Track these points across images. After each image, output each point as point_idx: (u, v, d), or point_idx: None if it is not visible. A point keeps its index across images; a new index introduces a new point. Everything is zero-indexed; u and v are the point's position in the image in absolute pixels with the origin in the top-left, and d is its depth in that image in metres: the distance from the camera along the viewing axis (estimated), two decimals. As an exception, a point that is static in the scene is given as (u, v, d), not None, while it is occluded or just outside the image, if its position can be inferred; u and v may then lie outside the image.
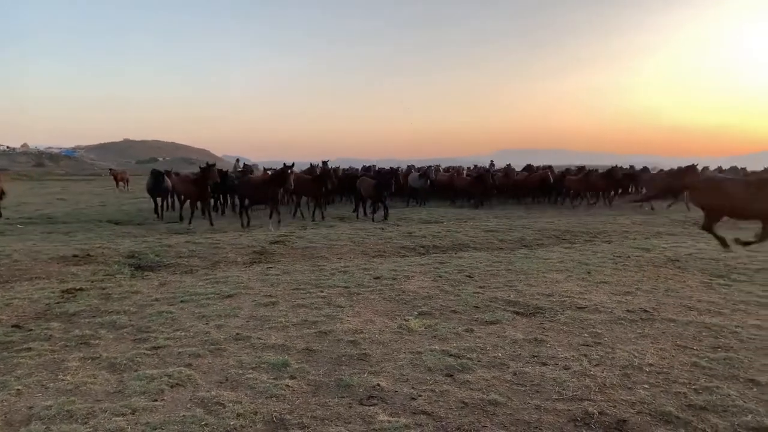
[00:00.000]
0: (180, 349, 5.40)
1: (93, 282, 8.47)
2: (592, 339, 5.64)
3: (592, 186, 24.32)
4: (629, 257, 10.46)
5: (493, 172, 27.68)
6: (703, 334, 5.76)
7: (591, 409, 4.05)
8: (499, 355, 5.21)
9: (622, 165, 29.47)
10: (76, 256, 10.56)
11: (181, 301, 7.27)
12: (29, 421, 3.98)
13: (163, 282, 8.61)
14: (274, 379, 4.67)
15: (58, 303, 7.16)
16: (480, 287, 7.94)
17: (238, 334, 5.84)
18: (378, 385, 4.51)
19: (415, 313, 6.65)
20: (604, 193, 24.42)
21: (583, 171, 27.87)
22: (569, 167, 33.17)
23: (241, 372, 4.83)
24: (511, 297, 7.31)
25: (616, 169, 25.23)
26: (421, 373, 4.78)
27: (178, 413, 4.06)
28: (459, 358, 5.10)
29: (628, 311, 6.61)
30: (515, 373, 4.75)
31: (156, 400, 4.27)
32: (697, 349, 5.30)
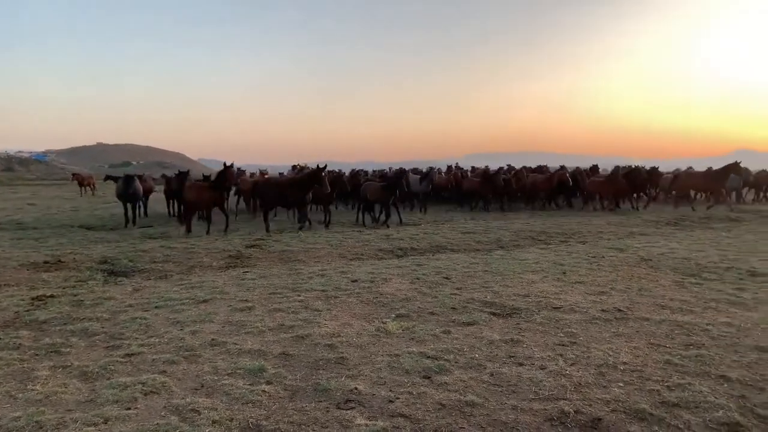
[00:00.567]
0: (154, 356, 5.31)
1: (64, 288, 8.30)
2: (568, 339, 5.70)
3: (620, 188, 21.93)
4: (603, 257, 10.60)
5: (504, 173, 25.28)
6: (676, 332, 5.86)
7: (567, 408, 4.08)
8: (476, 356, 5.23)
9: (591, 166, 29.02)
10: (47, 263, 10.34)
11: (156, 306, 7.17)
12: (-3, 432, 3.88)
13: (136, 288, 8.48)
14: (250, 384, 4.61)
15: (28, 310, 6.99)
16: (457, 289, 7.97)
17: (213, 339, 5.77)
18: (355, 388, 4.49)
19: (393, 315, 6.64)
20: (629, 195, 22.64)
21: (597, 171, 26.53)
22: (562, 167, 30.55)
23: (216, 378, 4.77)
24: (488, 298, 7.35)
25: (639, 169, 23.01)
26: (399, 375, 4.77)
27: (151, 421, 3.99)
28: (436, 359, 5.10)
29: (603, 311, 6.69)
30: (492, 374, 4.77)
31: (129, 409, 4.19)
32: (669, 347, 5.39)
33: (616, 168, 23.95)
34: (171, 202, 20.77)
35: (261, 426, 3.93)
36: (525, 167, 28.71)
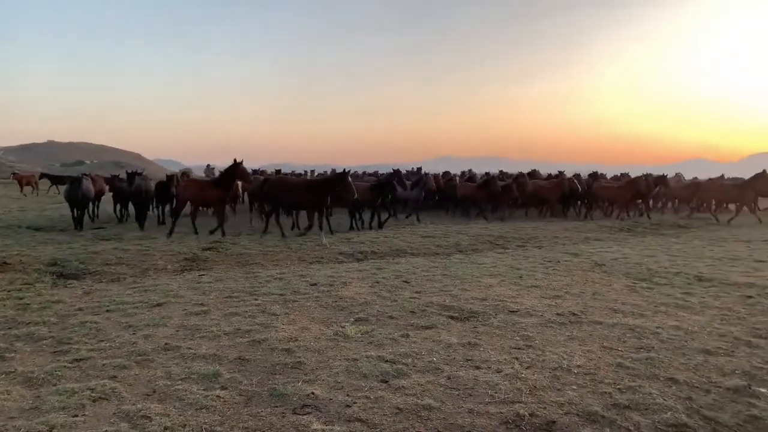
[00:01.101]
0: (104, 361, 5.15)
1: (9, 291, 7.97)
2: (524, 342, 5.78)
3: (636, 196, 20.91)
4: (559, 262, 10.82)
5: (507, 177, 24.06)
6: (627, 335, 6.01)
7: (522, 411, 4.13)
8: (433, 359, 5.25)
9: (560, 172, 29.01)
10: (-9, 264, 9.93)
11: (107, 310, 6.96)
12: (-67, 442, 3.69)
13: (87, 291, 8.22)
14: (204, 390, 4.52)
15: (-30, 314, 6.70)
16: (416, 292, 8.00)
17: (166, 344, 5.63)
18: (312, 393, 4.45)
19: (352, 319, 6.61)
20: (645, 202, 21.57)
21: (597, 178, 25.10)
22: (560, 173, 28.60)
23: (169, 383, 4.65)
24: (447, 302, 7.40)
25: (649, 177, 22.16)
26: (357, 380, 4.75)
27: (100, 428, 3.86)
28: (394, 363, 5.10)
29: (558, 314, 6.81)
30: (449, 378, 4.80)
31: (76, 416, 4.05)
32: (621, 350, 5.52)
33: (644, 175, 22.48)
34: (118, 204, 19.42)
35: (215, 432, 3.85)
36: (521, 173, 26.46)
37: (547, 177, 27.63)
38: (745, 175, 23.62)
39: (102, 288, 8.44)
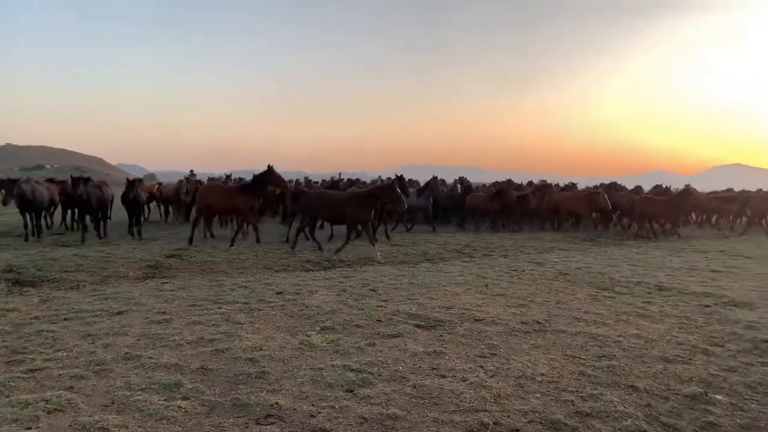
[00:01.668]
0: (61, 371, 4.99)
1: (-39, 299, 7.69)
2: (489, 350, 5.82)
3: (683, 210, 19.38)
4: (524, 271, 10.94)
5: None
6: (590, 344, 6.11)
7: (486, 419, 4.15)
8: (399, 368, 5.24)
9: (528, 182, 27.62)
10: (-58, 271, 9.56)
11: (65, 318, 6.76)
12: None
13: (44, 298, 7.98)
14: (165, 400, 4.41)
15: None
16: (383, 301, 7.99)
17: (127, 353, 5.49)
18: (276, 403, 4.39)
19: (318, 328, 6.56)
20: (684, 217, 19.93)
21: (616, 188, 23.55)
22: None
23: (129, 394, 4.53)
24: (413, 310, 7.41)
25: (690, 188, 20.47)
26: (321, 389, 4.71)
27: (55, 441, 3.74)
28: (360, 372, 5.07)
29: (523, 323, 6.88)
30: (415, 386, 4.79)
31: (30, 428, 3.91)
32: (584, 359, 5.60)
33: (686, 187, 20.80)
34: (68, 210, 18.54)
35: (175, 444, 3.76)
36: (544, 182, 24.84)
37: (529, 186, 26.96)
38: (706, 187, 24.06)
39: (60, 296, 8.20)
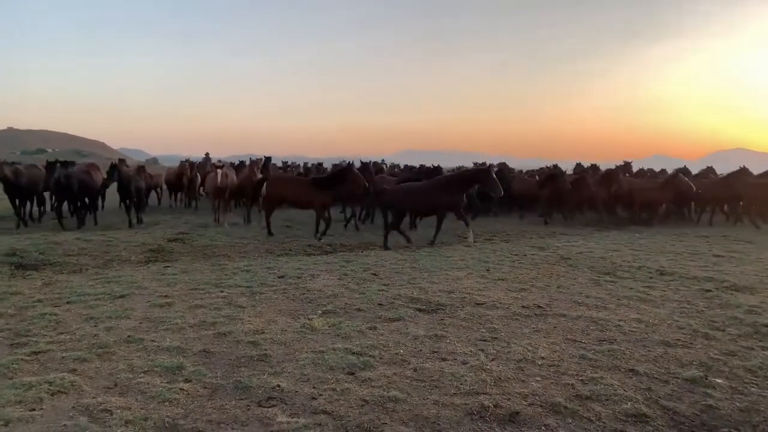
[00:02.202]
0: (64, 354, 5.03)
1: (-35, 282, 7.73)
2: (490, 334, 5.83)
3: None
4: (525, 255, 10.94)
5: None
6: (591, 328, 6.12)
7: (486, 402, 4.17)
8: (400, 351, 5.27)
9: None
10: (-55, 255, 9.61)
11: (68, 302, 6.80)
12: None
13: (47, 282, 8.01)
14: (167, 383, 4.44)
15: None
16: (385, 285, 8.00)
17: (129, 336, 5.52)
18: (278, 386, 4.41)
19: (319, 311, 6.59)
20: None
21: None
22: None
23: (131, 376, 4.56)
24: (414, 294, 7.42)
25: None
26: (323, 372, 4.73)
27: (58, 423, 3.77)
28: (361, 355, 5.09)
29: (524, 307, 6.90)
30: (416, 369, 4.81)
31: (34, 410, 3.94)
32: (584, 342, 5.62)
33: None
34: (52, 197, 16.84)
35: (178, 425, 3.79)
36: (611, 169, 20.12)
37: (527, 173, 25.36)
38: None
39: (63, 279, 8.24)
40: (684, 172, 21.70)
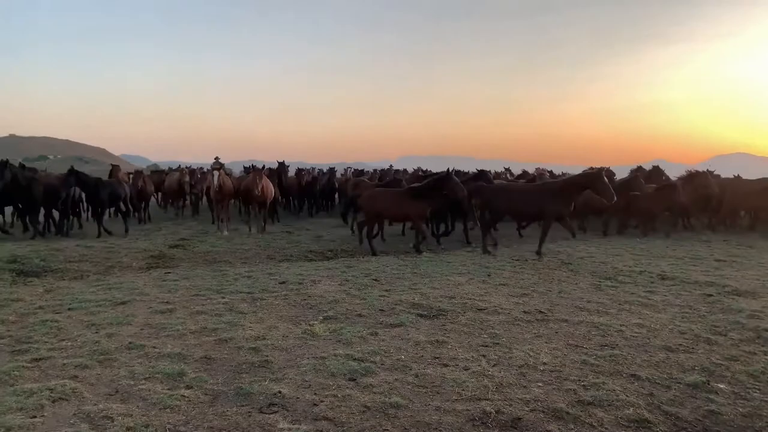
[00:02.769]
0: (65, 361, 5.03)
1: (-34, 289, 7.73)
2: (491, 340, 5.82)
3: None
4: (527, 260, 10.93)
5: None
6: (592, 333, 6.11)
7: (488, 408, 4.16)
8: (402, 357, 5.26)
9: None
10: (-53, 261, 9.62)
11: (69, 308, 6.80)
12: None
13: (48, 288, 8.02)
14: (168, 389, 4.44)
15: (-77, 313, 6.46)
16: (386, 291, 8.00)
17: (130, 342, 5.52)
18: (279, 392, 4.41)
19: (320, 317, 6.58)
20: None
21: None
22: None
23: (132, 383, 4.56)
24: (416, 300, 7.42)
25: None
26: (324, 378, 4.73)
27: (59, 430, 3.77)
28: (362, 361, 5.09)
29: (525, 312, 6.89)
30: (417, 375, 4.81)
31: (35, 417, 3.94)
32: (586, 348, 5.61)
33: None
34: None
35: (179, 431, 3.79)
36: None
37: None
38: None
39: (64, 286, 8.25)
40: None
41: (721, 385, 4.67)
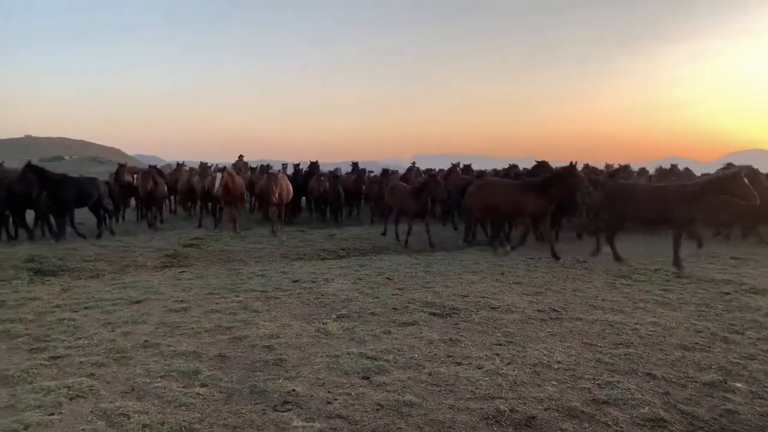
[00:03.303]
0: (82, 359, 5.08)
1: (-15, 288, 7.84)
2: (505, 338, 5.80)
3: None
4: (540, 259, 10.86)
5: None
6: (607, 331, 6.07)
7: (502, 407, 4.15)
8: (415, 356, 5.26)
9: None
10: (-34, 261, 9.76)
11: (85, 307, 6.87)
12: None
13: (65, 287, 8.10)
14: (184, 387, 4.47)
15: (-56, 312, 6.57)
16: (399, 289, 7.99)
17: (146, 341, 5.57)
18: (293, 390, 4.42)
19: (334, 316, 6.59)
20: None
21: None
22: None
23: (148, 381, 4.60)
24: (429, 298, 7.41)
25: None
26: (338, 376, 4.74)
27: (77, 427, 3.81)
28: (376, 360, 5.09)
29: (539, 311, 6.85)
30: (430, 374, 4.80)
31: (53, 414, 3.99)
32: (601, 346, 5.57)
33: None
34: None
35: (194, 429, 3.82)
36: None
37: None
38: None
39: (80, 285, 8.33)
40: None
41: (739, 384, 4.63)
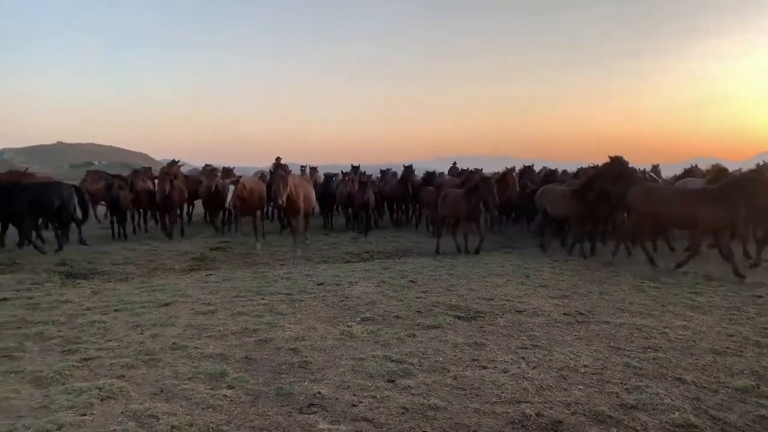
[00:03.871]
0: (112, 360, 5.18)
1: (19, 291, 8.03)
2: (530, 342, 5.76)
3: None
4: (566, 262, 10.76)
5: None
6: (635, 335, 5.98)
7: (528, 411, 4.12)
8: (440, 359, 5.25)
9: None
10: (1, 264, 10.01)
11: (115, 310, 7.00)
12: (-57, 441, 3.72)
13: (96, 290, 8.27)
14: (211, 389, 4.53)
15: (-20, 314, 6.75)
16: (423, 292, 7.99)
17: (174, 343, 5.65)
18: (319, 392, 4.45)
19: (358, 318, 6.62)
20: None
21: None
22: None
23: (176, 383, 4.67)
24: (453, 301, 7.39)
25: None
26: (363, 379, 4.75)
27: (108, 427, 3.89)
28: (400, 363, 5.09)
29: (565, 314, 6.79)
30: (455, 377, 4.79)
31: (84, 415, 4.07)
32: (629, 350, 5.49)
33: None
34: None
35: (221, 431, 3.87)
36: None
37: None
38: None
39: (110, 288, 8.50)
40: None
41: (772, 390, 4.52)
